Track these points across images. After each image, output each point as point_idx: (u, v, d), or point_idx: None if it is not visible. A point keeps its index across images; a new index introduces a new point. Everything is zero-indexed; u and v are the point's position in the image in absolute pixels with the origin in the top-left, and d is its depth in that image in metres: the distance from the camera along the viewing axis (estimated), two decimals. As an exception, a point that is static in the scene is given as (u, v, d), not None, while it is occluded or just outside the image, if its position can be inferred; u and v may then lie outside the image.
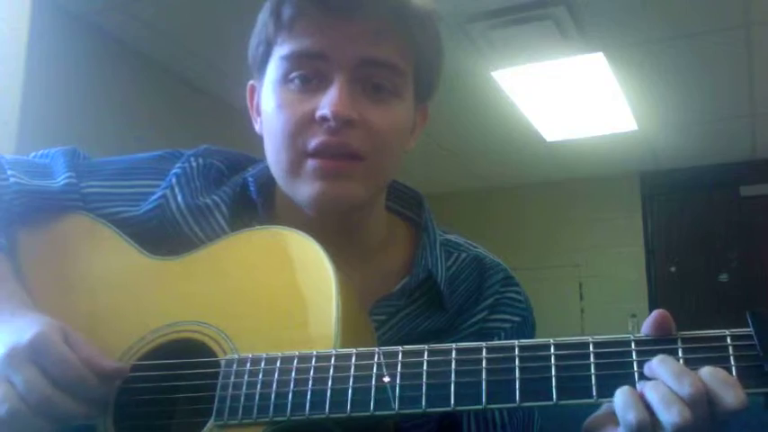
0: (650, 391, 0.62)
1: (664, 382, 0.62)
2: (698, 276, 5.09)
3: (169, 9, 3.14)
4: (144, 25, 3.28)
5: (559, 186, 5.52)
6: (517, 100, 4.07)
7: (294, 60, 0.83)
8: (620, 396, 0.63)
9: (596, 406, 0.69)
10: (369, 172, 0.83)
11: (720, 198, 5.16)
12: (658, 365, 0.64)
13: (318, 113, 0.80)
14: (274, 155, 0.86)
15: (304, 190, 0.83)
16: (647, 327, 0.67)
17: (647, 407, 0.62)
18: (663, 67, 3.67)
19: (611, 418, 0.66)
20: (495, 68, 3.66)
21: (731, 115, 4.34)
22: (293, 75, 0.83)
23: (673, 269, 5.20)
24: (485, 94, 3.95)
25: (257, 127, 0.92)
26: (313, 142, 0.81)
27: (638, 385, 0.64)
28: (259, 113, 0.91)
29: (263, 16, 0.87)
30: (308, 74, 0.83)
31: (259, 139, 0.91)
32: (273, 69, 0.85)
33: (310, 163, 0.82)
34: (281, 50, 0.84)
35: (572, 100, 4.08)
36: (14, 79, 2.90)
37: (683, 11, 3.13)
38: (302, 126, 0.82)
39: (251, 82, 0.93)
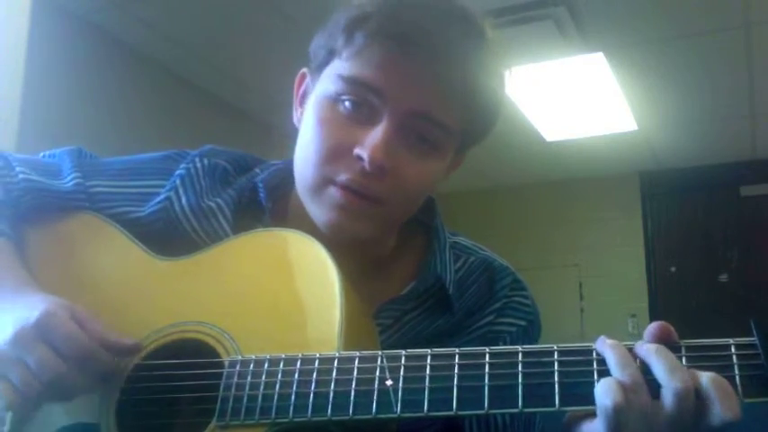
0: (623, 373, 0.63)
1: (654, 372, 0.63)
2: (698, 276, 5.09)
3: (169, 9, 3.14)
4: (144, 25, 3.28)
5: (559, 186, 5.52)
6: (517, 100, 4.07)
7: (351, 85, 0.81)
8: (601, 384, 0.64)
9: None
10: (386, 216, 0.84)
11: (720, 198, 5.17)
12: (655, 354, 0.64)
13: (356, 151, 0.79)
14: (302, 166, 0.85)
15: (320, 213, 0.82)
16: (648, 337, 0.67)
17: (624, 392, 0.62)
18: (663, 67, 3.67)
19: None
20: (495, 68, 3.66)
21: (731, 115, 4.34)
22: (345, 98, 0.81)
23: (673, 269, 5.20)
24: (485, 93, 3.94)
25: (296, 116, 0.90)
26: (343, 176, 0.80)
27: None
28: (301, 105, 0.89)
29: (336, 26, 0.82)
30: (360, 102, 0.80)
31: (259, 141, 0.90)
32: (328, 81, 0.83)
33: (333, 191, 0.81)
34: (341, 68, 0.81)
35: (572, 100, 4.08)
36: (14, 79, 2.89)
37: (683, 11, 3.14)
38: (337, 154, 0.81)
39: (303, 70, 0.91)
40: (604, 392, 0.62)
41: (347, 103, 0.81)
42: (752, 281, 4.90)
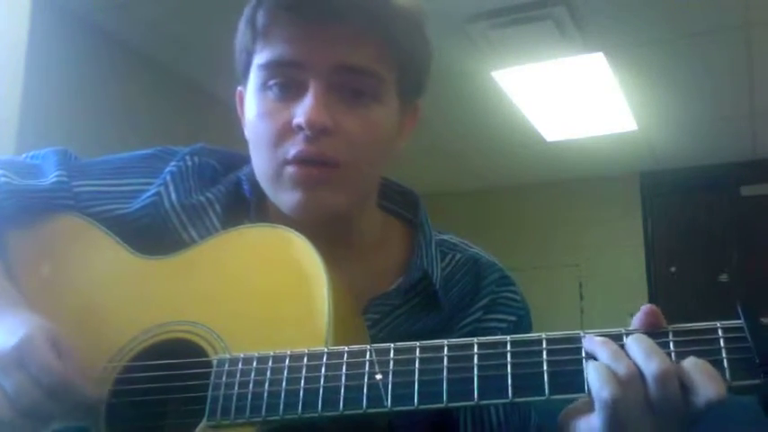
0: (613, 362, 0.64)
1: (634, 359, 0.64)
2: (698, 276, 5.08)
3: (169, 9, 3.14)
4: (144, 25, 3.28)
5: (559, 186, 5.51)
6: (517, 100, 4.07)
7: (270, 69, 0.83)
8: (594, 373, 0.64)
9: None
10: (346, 179, 0.83)
11: (720, 198, 5.16)
12: (632, 341, 0.65)
13: (294, 122, 0.80)
14: (258, 163, 0.86)
15: (285, 198, 0.83)
16: (636, 322, 0.68)
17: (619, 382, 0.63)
18: (663, 67, 3.67)
19: (588, 404, 0.67)
20: (495, 68, 3.66)
21: (731, 115, 4.34)
22: (271, 83, 0.83)
23: (673, 269, 5.19)
24: (485, 94, 3.95)
25: (246, 132, 0.91)
26: (291, 151, 0.81)
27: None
28: None
29: (242, 24, 0.86)
30: (285, 82, 0.82)
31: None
32: (253, 77, 0.85)
33: (288, 170, 0.81)
34: (258, 59, 0.84)
35: (572, 100, 4.08)
36: (14, 79, 2.90)
37: (683, 11, 3.13)
38: (281, 135, 0.82)
39: (239, 88, 0.92)
40: (601, 386, 0.63)
41: (275, 88, 0.83)
42: (752, 281, 4.89)
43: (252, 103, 0.85)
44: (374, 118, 0.84)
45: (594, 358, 0.66)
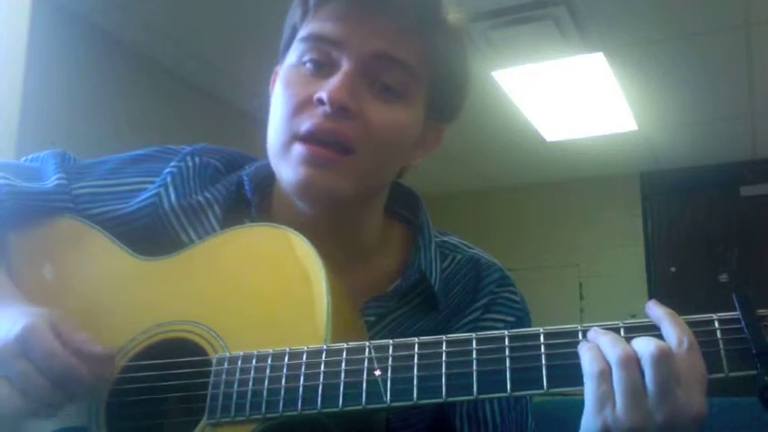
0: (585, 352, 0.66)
1: (631, 344, 0.65)
2: (698, 276, 5.08)
3: (169, 9, 3.14)
4: (144, 26, 3.28)
5: (559, 186, 5.51)
6: (517, 100, 4.07)
7: (310, 42, 0.83)
8: (587, 352, 0.65)
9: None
10: (358, 168, 0.82)
11: (720, 198, 5.16)
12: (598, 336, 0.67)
13: (316, 95, 0.80)
14: (271, 133, 0.85)
15: (288, 173, 0.82)
16: None
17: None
18: (663, 67, 3.67)
19: None
20: (495, 68, 3.66)
21: (731, 115, 4.34)
22: (306, 57, 0.83)
23: (673, 269, 5.19)
24: (485, 94, 3.94)
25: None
26: (306, 124, 0.80)
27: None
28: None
29: (295, 1, 0.88)
30: (321, 58, 0.83)
31: (259, 142, 0.90)
32: (292, 52, 0.86)
33: (297, 147, 0.81)
34: (302, 32, 0.85)
35: (572, 100, 4.08)
36: (14, 79, 2.90)
37: (683, 11, 3.13)
38: (301, 107, 0.82)
39: (276, 68, 0.92)
40: (591, 361, 0.64)
41: (309, 64, 0.83)
42: (752, 281, 4.89)
43: (283, 77, 0.86)
44: (398, 116, 0.83)
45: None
